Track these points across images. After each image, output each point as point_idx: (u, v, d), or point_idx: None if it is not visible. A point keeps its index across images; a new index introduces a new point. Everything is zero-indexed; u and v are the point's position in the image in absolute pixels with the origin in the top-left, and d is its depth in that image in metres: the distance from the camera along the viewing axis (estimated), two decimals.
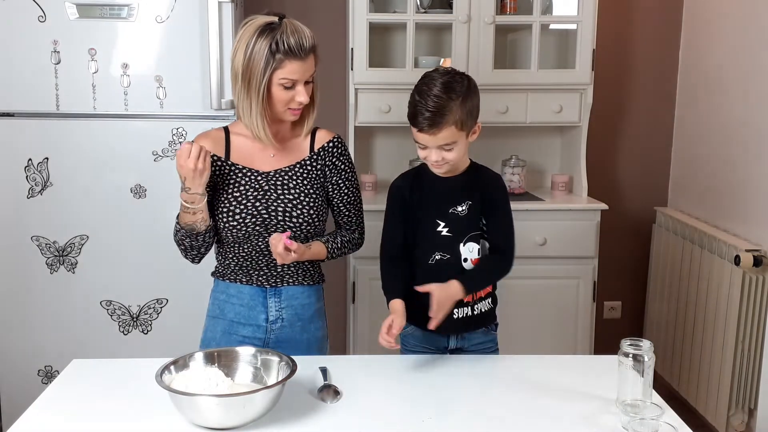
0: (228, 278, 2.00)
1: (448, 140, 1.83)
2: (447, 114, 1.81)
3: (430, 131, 1.82)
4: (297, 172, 1.98)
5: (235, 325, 2.00)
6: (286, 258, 1.85)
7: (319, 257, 2.00)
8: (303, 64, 1.87)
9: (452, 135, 1.83)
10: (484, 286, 1.95)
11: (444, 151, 1.85)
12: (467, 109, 1.84)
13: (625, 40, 3.56)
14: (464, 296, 1.86)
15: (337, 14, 3.36)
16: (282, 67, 1.86)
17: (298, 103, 1.91)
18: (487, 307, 1.99)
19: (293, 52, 1.85)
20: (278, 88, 1.88)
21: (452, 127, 1.82)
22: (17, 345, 2.86)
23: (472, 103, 1.86)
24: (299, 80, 1.88)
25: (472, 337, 2.00)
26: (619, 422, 1.54)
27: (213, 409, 1.48)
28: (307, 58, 1.88)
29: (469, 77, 1.89)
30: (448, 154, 1.86)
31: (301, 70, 1.87)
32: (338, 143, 2.05)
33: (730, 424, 2.95)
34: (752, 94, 2.96)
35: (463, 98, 1.83)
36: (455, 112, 1.81)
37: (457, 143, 1.85)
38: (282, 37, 1.84)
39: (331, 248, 2.01)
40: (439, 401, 1.67)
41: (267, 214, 1.93)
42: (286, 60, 1.85)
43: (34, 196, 2.80)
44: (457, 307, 1.90)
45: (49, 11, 2.69)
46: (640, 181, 3.67)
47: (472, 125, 1.87)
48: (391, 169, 3.50)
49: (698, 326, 3.15)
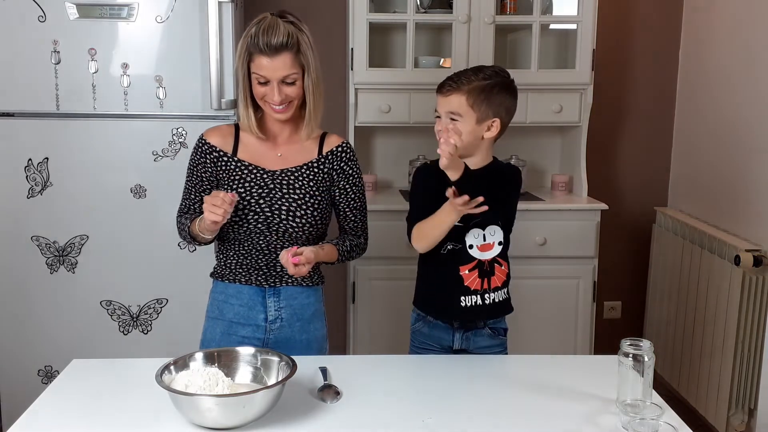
0: (227, 278, 2.00)
1: (455, 109, 1.87)
2: (464, 84, 1.87)
3: (441, 92, 1.90)
4: (304, 173, 1.99)
5: (235, 326, 2.00)
6: (302, 270, 1.85)
7: (330, 259, 2.00)
8: (271, 62, 1.88)
9: (460, 105, 1.87)
10: None
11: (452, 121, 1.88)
12: (487, 94, 1.87)
13: (625, 40, 3.56)
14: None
15: (337, 14, 3.36)
16: (252, 60, 1.90)
17: (272, 100, 1.92)
18: (502, 297, 1.98)
19: (259, 48, 1.87)
20: (255, 82, 1.92)
21: (463, 98, 1.86)
22: (17, 345, 2.86)
23: (494, 92, 1.88)
24: (270, 77, 1.89)
25: (478, 339, 2.00)
26: (619, 422, 1.54)
27: (213, 409, 1.48)
28: (276, 57, 1.87)
29: (507, 74, 1.94)
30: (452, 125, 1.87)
31: (269, 67, 1.88)
32: (347, 148, 2.05)
33: (730, 424, 2.94)
34: (752, 94, 2.96)
35: (490, 84, 1.88)
36: (473, 89, 1.86)
37: (464, 120, 1.87)
38: (258, 31, 1.88)
39: (341, 251, 2.02)
40: (439, 401, 1.67)
41: (270, 212, 1.94)
42: (254, 54, 1.89)
43: (34, 196, 2.80)
44: (464, 295, 1.92)
45: (49, 11, 2.69)
46: (640, 181, 3.67)
47: (486, 113, 1.88)
48: (391, 169, 3.51)
49: (698, 326, 3.15)
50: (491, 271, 1.95)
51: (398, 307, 2.95)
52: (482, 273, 1.94)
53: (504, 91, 1.90)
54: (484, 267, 1.94)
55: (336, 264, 2.05)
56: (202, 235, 1.92)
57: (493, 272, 1.95)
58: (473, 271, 1.93)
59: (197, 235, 1.93)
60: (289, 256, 1.83)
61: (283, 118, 1.96)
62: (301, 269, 1.84)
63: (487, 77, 1.89)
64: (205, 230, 1.88)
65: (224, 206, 1.78)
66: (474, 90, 1.87)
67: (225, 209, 1.79)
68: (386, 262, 3.05)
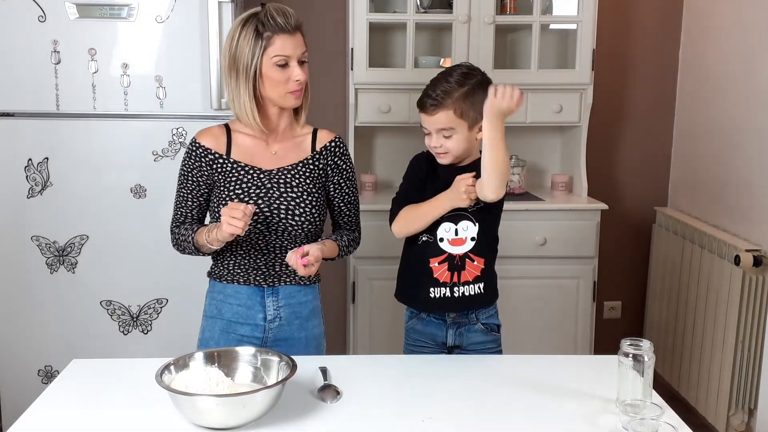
0: (225, 279, 2.00)
1: (445, 125, 1.87)
2: (447, 98, 1.85)
3: (427, 111, 1.88)
4: (300, 170, 1.99)
5: (234, 325, 2.00)
6: (311, 270, 1.85)
7: (332, 255, 2.01)
8: (293, 39, 1.88)
9: (450, 120, 1.86)
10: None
11: (443, 138, 1.89)
12: (471, 100, 1.86)
13: (625, 40, 3.56)
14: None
15: (337, 14, 3.36)
16: (272, 44, 1.87)
17: (296, 82, 1.90)
18: (474, 291, 1.97)
19: (281, 27, 1.86)
20: (273, 69, 1.88)
21: (450, 112, 1.85)
22: (17, 345, 2.86)
23: (476, 94, 1.86)
24: (292, 56, 1.89)
25: (471, 335, 2.01)
26: (619, 422, 1.54)
27: (213, 409, 1.48)
28: (296, 33, 1.89)
29: (484, 74, 1.92)
30: (447, 142, 1.89)
31: (291, 45, 1.88)
32: (339, 143, 2.05)
33: (730, 424, 2.95)
34: (752, 95, 2.96)
35: (470, 89, 1.87)
36: (457, 99, 1.85)
37: (457, 132, 1.87)
38: (267, 17, 1.87)
39: (341, 245, 2.04)
40: (439, 401, 1.66)
41: (269, 212, 1.93)
42: (275, 36, 1.87)
43: (34, 196, 2.80)
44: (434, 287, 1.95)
45: (49, 11, 2.69)
46: (640, 181, 3.67)
47: (475, 117, 1.87)
48: (391, 169, 3.51)
49: (698, 326, 3.15)
50: (462, 266, 1.95)
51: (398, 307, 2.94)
52: (452, 267, 1.95)
53: (483, 89, 1.87)
54: (455, 261, 1.95)
55: (335, 260, 2.06)
56: (209, 246, 1.91)
57: (464, 267, 1.95)
58: (443, 264, 1.95)
59: (203, 245, 1.93)
60: (297, 257, 1.82)
61: (299, 103, 1.96)
62: (310, 269, 1.84)
63: (463, 81, 1.88)
64: (214, 241, 1.88)
65: (245, 219, 1.78)
66: (458, 100, 1.86)
67: (246, 222, 1.79)
68: (386, 262, 3.03)
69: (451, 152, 1.91)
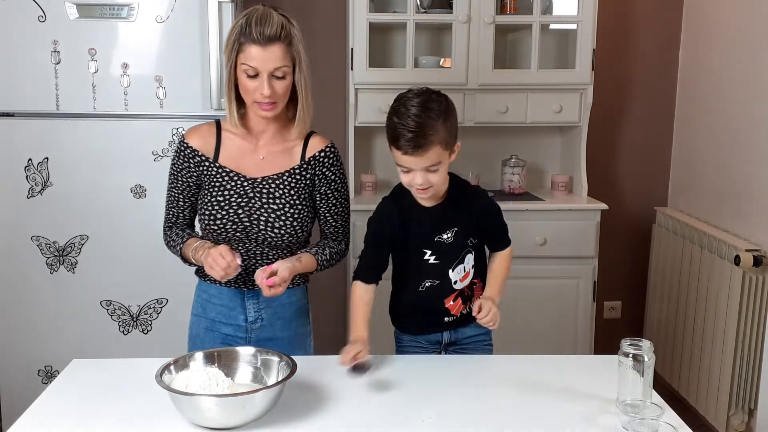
0: (209, 279, 2.00)
1: (434, 161, 1.78)
2: (431, 134, 1.75)
3: (415, 153, 1.76)
4: (285, 180, 1.94)
5: (217, 324, 2.01)
6: (277, 291, 1.82)
7: (308, 270, 1.96)
8: (263, 52, 1.81)
9: (438, 155, 1.78)
10: (504, 285, 1.99)
11: (429, 173, 1.80)
12: (448, 127, 1.80)
13: (625, 40, 3.56)
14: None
15: (337, 14, 3.36)
16: (243, 51, 1.83)
17: (261, 95, 1.84)
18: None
19: (252, 38, 1.81)
20: (242, 75, 1.85)
21: (438, 147, 1.77)
22: (17, 345, 2.86)
23: (451, 122, 1.82)
24: (260, 69, 1.82)
25: (465, 330, 2.01)
26: (619, 422, 1.54)
27: (213, 409, 1.48)
28: (268, 47, 1.81)
29: (445, 96, 1.84)
30: (432, 176, 1.80)
31: (260, 58, 1.81)
32: (330, 153, 1.99)
33: (730, 424, 2.94)
34: (752, 94, 2.96)
35: (444, 117, 1.79)
36: (439, 132, 1.76)
37: (442, 164, 1.81)
38: (249, 21, 1.82)
39: (320, 260, 1.98)
40: (439, 401, 1.66)
41: (249, 222, 1.91)
42: (246, 44, 1.82)
43: (34, 196, 2.80)
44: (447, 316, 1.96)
45: (49, 11, 2.69)
46: (640, 181, 3.67)
47: (453, 144, 1.83)
48: (391, 169, 3.48)
49: (698, 326, 3.15)
50: (471, 294, 1.97)
51: None
52: (464, 298, 1.97)
53: (452, 113, 1.83)
54: (465, 293, 1.96)
55: (315, 273, 2.01)
56: (193, 262, 1.94)
57: (473, 294, 1.97)
58: (457, 300, 1.95)
59: (189, 258, 1.95)
60: (263, 277, 1.80)
61: (269, 116, 1.89)
62: (276, 290, 1.81)
63: (439, 112, 1.78)
64: (199, 261, 1.90)
65: (228, 271, 1.80)
66: (443, 133, 1.78)
67: (227, 273, 1.80)
68: None
69: (434, 185, 1.83)
